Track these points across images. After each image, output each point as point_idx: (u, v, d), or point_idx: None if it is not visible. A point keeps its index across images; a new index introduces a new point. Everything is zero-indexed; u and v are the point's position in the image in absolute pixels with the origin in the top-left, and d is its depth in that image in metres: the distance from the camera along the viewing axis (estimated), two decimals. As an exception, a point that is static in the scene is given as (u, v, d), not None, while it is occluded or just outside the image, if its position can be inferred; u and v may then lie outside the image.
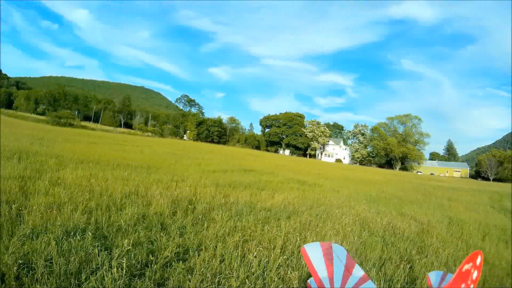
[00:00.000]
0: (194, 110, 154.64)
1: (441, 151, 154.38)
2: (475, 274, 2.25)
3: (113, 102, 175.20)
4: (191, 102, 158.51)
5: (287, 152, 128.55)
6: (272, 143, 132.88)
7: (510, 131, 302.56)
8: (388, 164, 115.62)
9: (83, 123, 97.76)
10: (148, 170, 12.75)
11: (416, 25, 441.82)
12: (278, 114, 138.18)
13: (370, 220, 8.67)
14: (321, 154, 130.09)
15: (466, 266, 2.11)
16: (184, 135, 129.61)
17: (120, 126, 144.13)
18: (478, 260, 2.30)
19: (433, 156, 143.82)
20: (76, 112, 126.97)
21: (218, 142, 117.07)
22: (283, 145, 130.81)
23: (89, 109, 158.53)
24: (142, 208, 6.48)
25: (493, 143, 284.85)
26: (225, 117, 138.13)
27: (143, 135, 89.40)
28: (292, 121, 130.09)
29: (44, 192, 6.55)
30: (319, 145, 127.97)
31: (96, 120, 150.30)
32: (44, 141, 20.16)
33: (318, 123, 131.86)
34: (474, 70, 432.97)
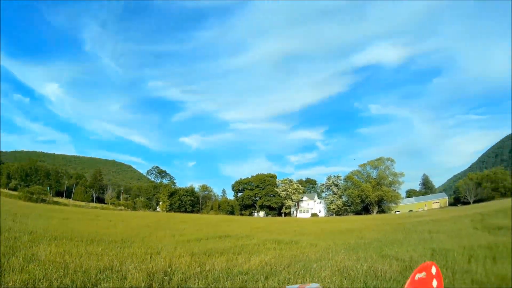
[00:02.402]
0: (165, 181, 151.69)
1: (417, 187, 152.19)
2: (435, 283, 2.72)
3: (85, 177, 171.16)
4: (162, 173, 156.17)
5: (261, 213, 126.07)
6: (246, 207, 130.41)
7: (485, 151, 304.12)
8: (365, 210, 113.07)
9: (55, 198, 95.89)
10: (122, 244, 12.67)
11: (381, 69, 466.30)
12: (249, 177, 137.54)
13: (350, 268, 8.43)
14: (296, 211, 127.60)
15: (419, 275, 2.55)
16: (157, 207, 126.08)
17: (92, 201, 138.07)
18: (434, 270, 2.74)
19: (410, 194, 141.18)
20: (48, 188, 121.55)
21: (192, 211, 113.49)
22: (257, 207, 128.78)
23: (61, 185, 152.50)
24: (118, 282, 6.46)
25: (469, 167, 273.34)
26: (197, 186, 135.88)
27: (115, 209, 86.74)
28: (265, 182, 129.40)
29: (19, 269, 6.61)
30: (293, 202, 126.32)
31: (68, 196, 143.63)
32: (17, 217, 20.41)
33: (291, 181, 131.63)
34: (442, 101, 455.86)
